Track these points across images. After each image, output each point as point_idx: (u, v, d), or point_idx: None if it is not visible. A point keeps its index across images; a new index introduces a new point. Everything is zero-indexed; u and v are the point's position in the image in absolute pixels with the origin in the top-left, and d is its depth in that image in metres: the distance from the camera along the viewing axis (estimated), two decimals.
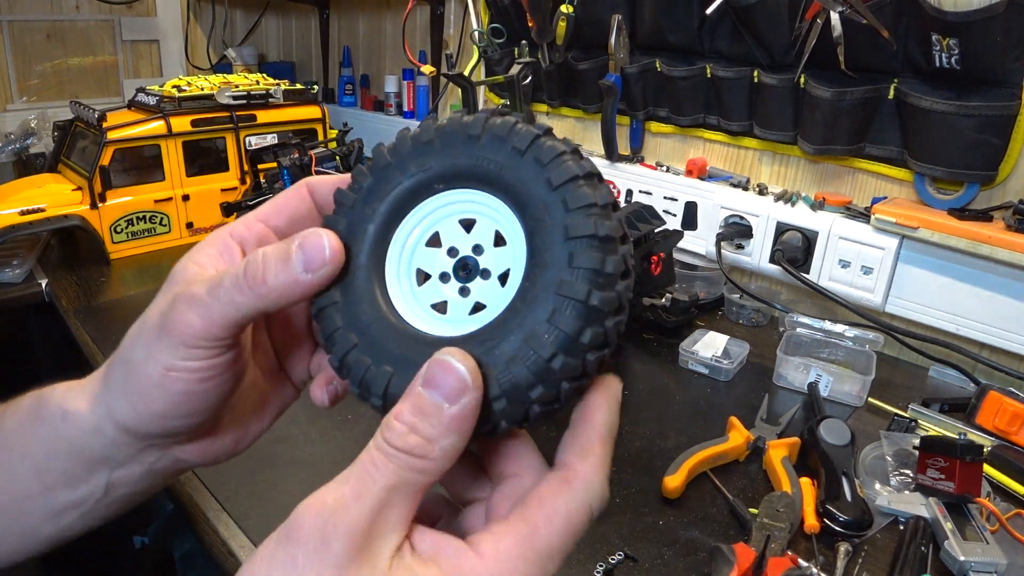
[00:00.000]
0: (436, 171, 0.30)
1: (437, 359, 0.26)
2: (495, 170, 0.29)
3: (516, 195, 0.28)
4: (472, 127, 0.29)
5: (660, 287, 1.06)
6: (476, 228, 0.30)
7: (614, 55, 1.27)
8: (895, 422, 0.87)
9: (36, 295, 1.22)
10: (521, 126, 0.29)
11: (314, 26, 2.23)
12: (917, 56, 0.95)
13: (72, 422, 0.34)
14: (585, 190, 0.27)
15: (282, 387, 0.39)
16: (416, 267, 0.31)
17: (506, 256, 0.29)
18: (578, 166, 0.27)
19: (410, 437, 0.25)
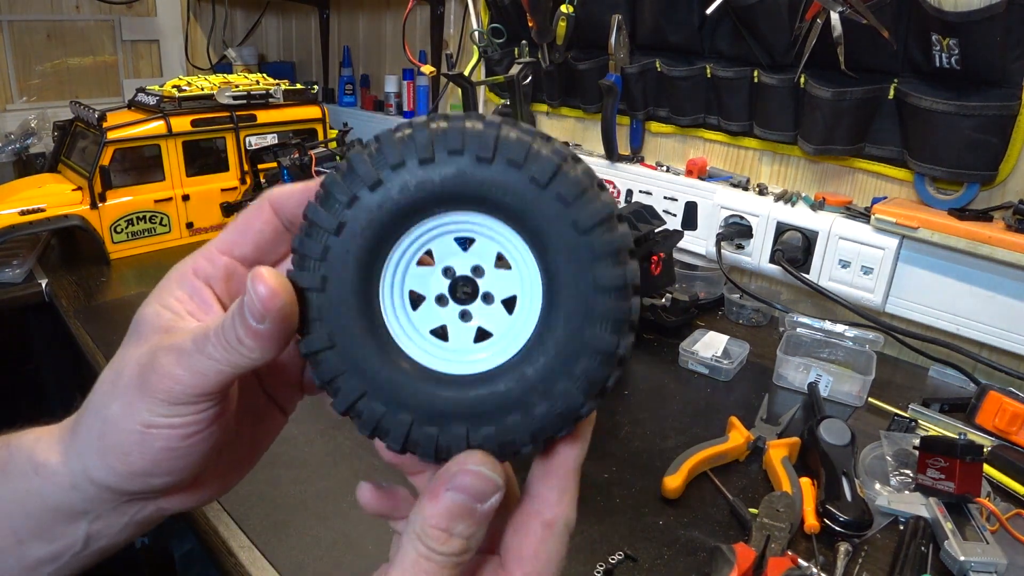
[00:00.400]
0: (437, 193, 0.26)
1: (469, 470, 0.26)
2: (510, 202, 0.25)
3: (534, 231, 0.26)
4: (483, 146, 0.25)
5: (660, 287, 1.06)
6: (475, 247, 0.27)
7: (614, 55, 1.27)
8: (895, 422, 0.87)
9: (36, 295, 1.22)
10: (539, 148, 0.25)
11: (314, 26, 2.23)
12: (917, 56, 0.95)
13: (46, 476, 0.32)
14: (613, 236, 0.25)
15: (271, 420, 0.36)
16: (408, 289, 0.28)
17: (511, 281, 0.27)
18: (603, 205, 0.25)
19: (452, 542, 0.26)
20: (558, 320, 0.26)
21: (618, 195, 1.37)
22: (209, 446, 0.30)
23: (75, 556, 0.33)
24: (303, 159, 1.29)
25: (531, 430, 0.26)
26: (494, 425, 0.27)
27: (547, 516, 0.29)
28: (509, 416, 0.26)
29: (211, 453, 0.31)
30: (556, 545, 0.29)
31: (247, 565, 0.63)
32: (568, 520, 0.29)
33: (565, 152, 0.26)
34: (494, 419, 0.27)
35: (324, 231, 0.26)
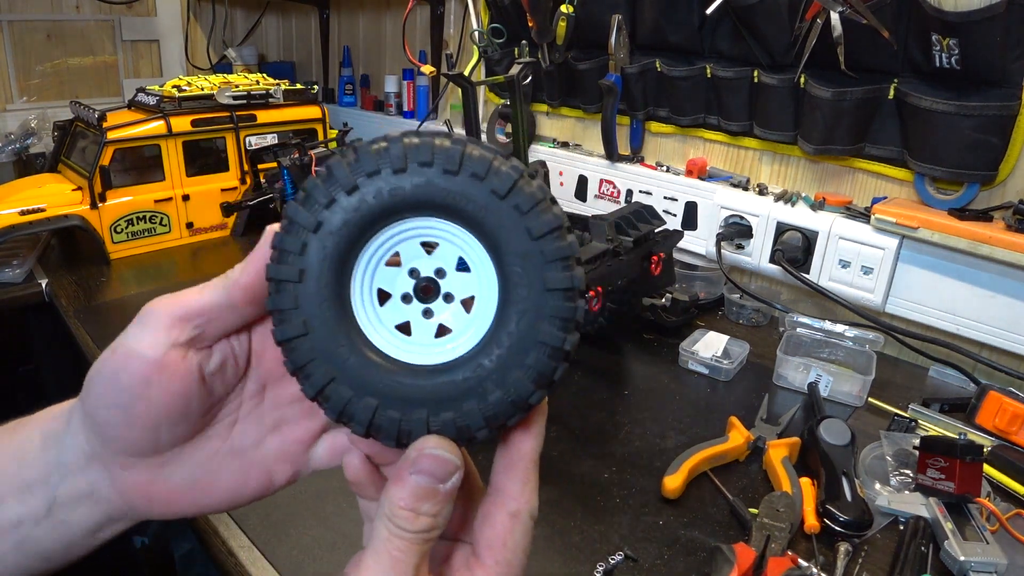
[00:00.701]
0: (407, 199, 0.29)
1: (427, 453, 0.29)
2: (472, 209, 0.28)
3: (491, 237, 0.29)
4: (450, 160, 0.28)
5: (660, 287, 1.06)
6: (438, 251, 0.30)
7: (614, 55, 1.27)
8: (895, 422, 0.87)
9: (36, 295, 1.22)
10: (499, 164, 0.28)
11: (314, 26, 2.23)
12: (917, 56, 0.95)
13: (56, 417, 0.36)
14: (562, 244, 0.28)
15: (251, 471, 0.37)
16: (377, 287, 0.31)
17: (470, 283, 0.30)
18: (554, 217, 0.28)
19: (419, 520, 0.29)
20: (511, 317, 0.29)
21: (618, 195, 1.37)
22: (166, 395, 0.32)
23: (36, 526, 0.35)
24: (303, 159, 1.29)
25: (486, 415, 0.29)
26: (452, 411, 0.29)
27: (512, 507, 0.31)
28: (466, 402, 0.29)
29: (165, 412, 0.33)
30: (522, 532, 0.31)
31: (247, 565, 0.63)
32: (531, 509, 0.32)
33: (522, 169, 0.29)
34: (453, 405, 0.29)
35: (303, 228, 0.29)
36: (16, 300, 1.20)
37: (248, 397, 0.37)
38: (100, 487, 0.35)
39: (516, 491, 0.32)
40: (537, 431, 0.32)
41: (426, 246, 0.30)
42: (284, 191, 1.33)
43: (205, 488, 0.36)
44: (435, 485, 0.29)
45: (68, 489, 0.35)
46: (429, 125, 1.79)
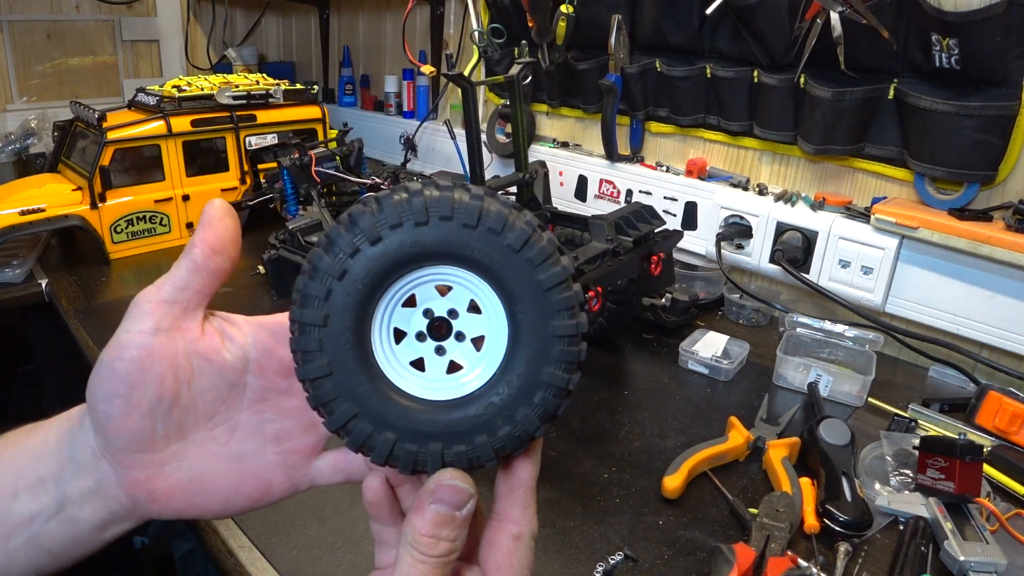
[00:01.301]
0: (428, 251, 0.31)
1: (445, 484, 0.32)
2: (487, 261, 0.31)
3: (505, 286, 0.31)
4: (469, 215, 0.30)
5: (660, 287, 1.06)
6: (452, 294, 0.33)
7: (614, 55, 1.27)
8: (895, 422, 0.87)
9: (36, 295, 1.22)
10: (515, 220, 0.31)
11: (314, 26, 2.23)
12: (917, 56, 0.95)
13: (73, 417, 0.38)
14: (568, 293, 0.31)
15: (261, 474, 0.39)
16: (393, 326, 0.33)
17: (480, 323, 0.33)
18: (562, 269, 0.31)
19: (440, 545, 0.32)
20: (520, 359, 0.31)
21: (618, 195, 1.37)
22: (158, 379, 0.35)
23: (47, 523, 0.37)
24: (303, 159, 1.29)
25: (495, 447, 0.32)
26: (465, 444, 0.32)
27: (514, 531, 0.35)
28: (478, 436, 0.32)
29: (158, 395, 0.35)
30: (525, 553, 0.34)
31: (247, 565, 0.63)
32: (532, 530, 0.35)
33: (535, 223, 0.31)
34: (465, 438, 0.32)
35: (328, 276, 0.31)
36: (16, 300, 1.20)
37: (248, 405, 0.38)
38: (107, 484, 0.36)
39: (517, 515, 0.35)
40: (535, 459, 0.35)
41: (440, 290, 0.33)
42: (284, 191, 1.33)
43: (202, 488, 0.37)
44: (453, 512, 0.32)
45: (78, 486, 0.36)
46: (429, 125, 1.79)
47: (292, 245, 1.12)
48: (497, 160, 1.61)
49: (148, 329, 0.35)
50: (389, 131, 1.93)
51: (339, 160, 1.35)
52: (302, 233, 1.11)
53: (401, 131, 1.88)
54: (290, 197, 1.32)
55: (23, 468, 0.37)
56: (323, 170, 1.29)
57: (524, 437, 0.32)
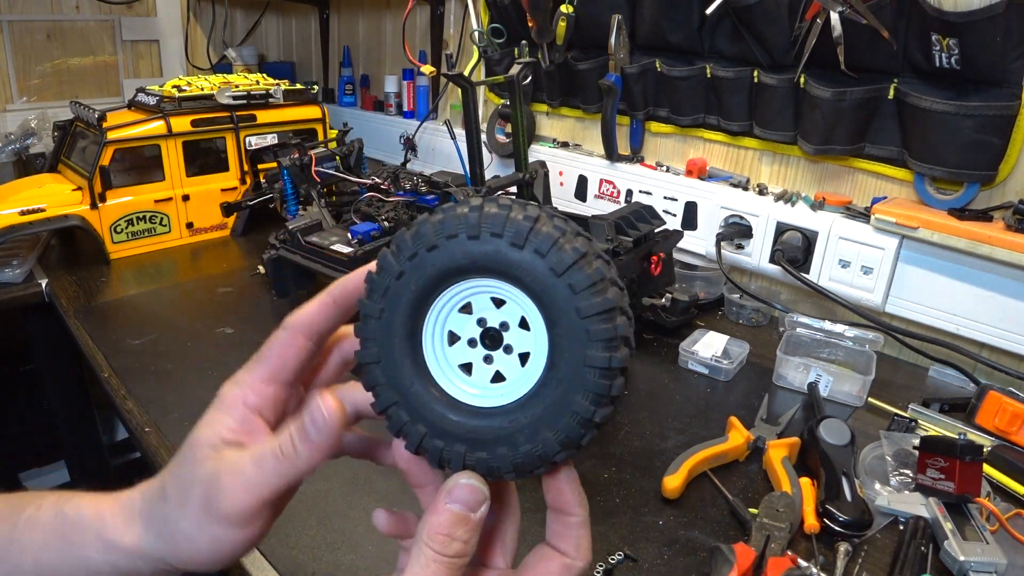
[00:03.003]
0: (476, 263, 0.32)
1: (462, 484, 0.33)
2: (530, 281, 0.31)
3: (547, 308, 0.32)
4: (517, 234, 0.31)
5: (660, 287, 1.06)
6: (505, 307, 0.34)
7: (614, 55, 1.27)
8: (895, 422, 0.87)
9: (36, 295, 1.22)
10: (564, 243, 0.31)
11: (314, 26, 2.23)
12: (917, 56, 0.95)
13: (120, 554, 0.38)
14: (607, 325, 0.31)
15: None
16: (448, 329, 0.35)
17: (528, 340, 0.33)
18: (605, 300, 0.31)
19: (453, 544, 0.32)
20: (553, 383, 0.32)
21: (618, 195, 1.37)
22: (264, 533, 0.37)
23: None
24: (303, 159, 1.29)
25: (514, 462, 0.33)
26: (486, 452, 0.33)
27: (567, 561, 0.35)
28: (499, 448, 0.33)
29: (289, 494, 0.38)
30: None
31: (247, 565, 0.63)
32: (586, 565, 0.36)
33: (585, 250, 0.31)
34: (487, 447, 0.33)
35: (389, 275, 0.33)
36: (16, 300, 1.20)
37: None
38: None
39: (572, 551, 0.36)
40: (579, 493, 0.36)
41: (495, 301, 0.34)
42: (284, 191, 1.33)
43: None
44: (467, 513, 0.33)
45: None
46: (429, 125, 1.79)
47: (292, 245, 1.12)
48: (497, 160, 1.61)
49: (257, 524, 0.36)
50: (389, 131, 1.93)
51: (339, 160, 1.35)
52: (302, 233, 1.11)
53: (401, 131, 1.88)
54: (290, 197, 1.31)
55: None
56: (323, 170, 1.29)
57: (544, 458, 0.32)
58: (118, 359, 0.97)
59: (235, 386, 0.38)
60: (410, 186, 1.25)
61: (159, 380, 0.92)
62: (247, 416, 0.37)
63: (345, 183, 1.36)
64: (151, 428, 0.81)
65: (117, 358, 0.97)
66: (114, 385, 0.91)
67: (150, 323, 1.08)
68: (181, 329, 1.07)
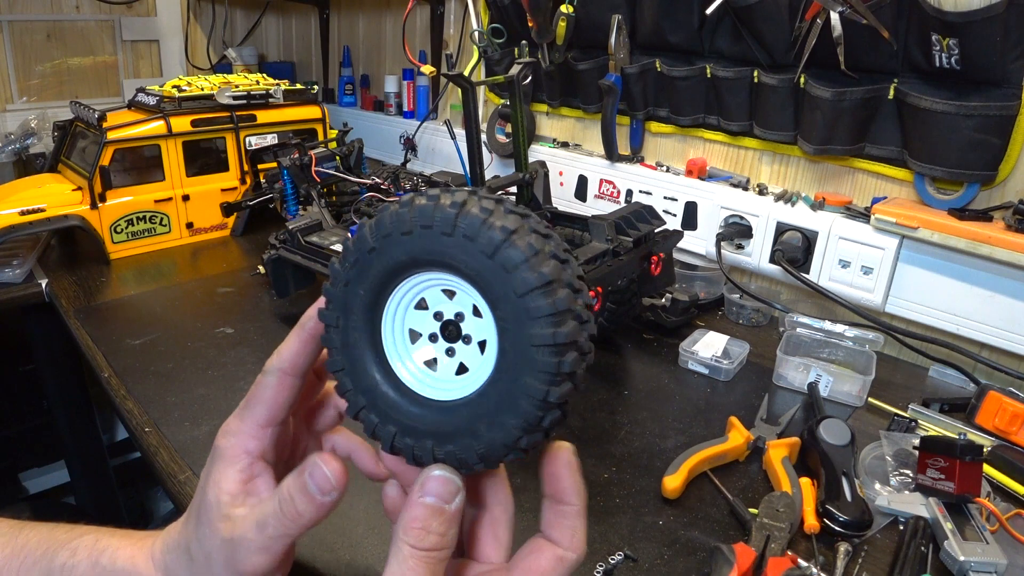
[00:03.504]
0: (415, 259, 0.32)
1: (433, 476, 0.33)
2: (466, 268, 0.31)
3: (487, 293, 0.31)
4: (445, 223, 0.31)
5: (660, 287, 1.06)
6: (457, 298, 0.34)
7: (614, 55, 1.27)
8: (895, 422, 0.87)
9: (36, 295, 1.22)
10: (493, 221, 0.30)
11: (314, 26, 2.23)
12: (917, 56, 0.95)
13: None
14: (546, 300, 0.30)
15: None
16: (408, 327, 0.35)
17: (484, 327, 0.33)
18: (539, 275, 0.30)
19: (429, 537, 0.33)
20: (505, 368, 0.31)
21: (618, 195, 1.37)
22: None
23: None
24: (303, 159, 1.29)
25: (479, 452, 0.32)
26: (453, 444, 0.33)
27: (560, 553, 0.35)
28: (464, 439, 0.33)
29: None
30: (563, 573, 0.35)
31: None
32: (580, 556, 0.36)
33: (515, 226, 0.30)
34: (454, 439, 0.33)
35: (338, 283, 0.34)
36: (16, 300, 1.20)
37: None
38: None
39: (566, 539, 0.36)
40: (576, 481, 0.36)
41: (447, 293, 0.34)
42: (284, 191, 1.33)
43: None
44: (442, 505, 0.33)
45: None
46: (429, 125, 1.79)
47: (292, 245, 1.12)
48: (497, 160, 1.61)
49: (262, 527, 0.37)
50: (389, 131, 1.93)
51: (339, 160, 1.35)
52: (302, 233, 1.11)
53: (401, 131, 1.88)
54: (290, 197, 1.32)
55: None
56: (323, 170, 1.29)
57: (508, 445, 0.32)
58: (118, 359, 0.97)
59: (232, 437, 0.39)
60: (410, 186, 1.25)
61: (159, 380, 0.92)
62: (251, 464, 0.39)
63: (345, 183, 1.36)
64: (151, 428, 0.81)
65: (117, 358, 0.97)
66: (114, 385, 0.91)
67: (150, 323, 1.08)
68: (181, 329, 1.07)
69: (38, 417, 1.79)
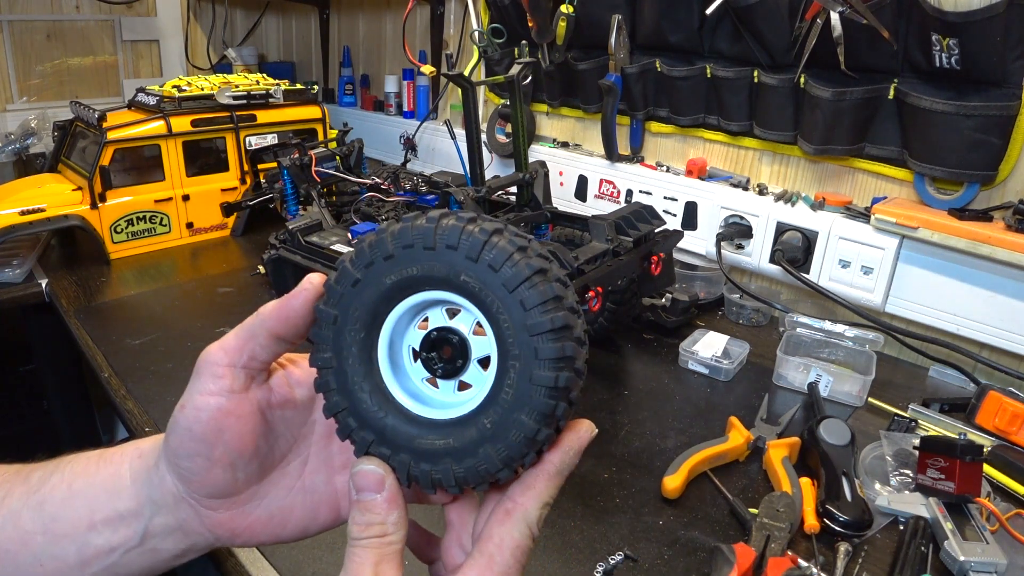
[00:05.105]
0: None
1: (356, 472, 0.34)
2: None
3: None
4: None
5: (660, 287, 1.05)
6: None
7: (614, 55, 1.27)
8: (895, 422, 0.87)
9: (36, 295, 1.22)
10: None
11: (314, 26, 2.23)
12: (917, 56, 0.95)
13: (145, 457, 0.40)
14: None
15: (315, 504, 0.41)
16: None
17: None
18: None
19: (369, 528, 0.33)
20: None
21: (618, 195, 1.37)
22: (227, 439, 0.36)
23: (127, 553, 0.39)
24: (303, 159, 1.29)
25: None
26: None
27: (508, 505, 0.34)
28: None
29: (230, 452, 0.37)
30: (511, 532, 0.33)
31: (247, 565, 0.63)
32: (526, 513, 0.34)
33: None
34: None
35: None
36: (16, 300, 1.20)
37: (316, 440, 0.41)
38: (189, 523, 0.39)
39: (517, 493, 0.34)
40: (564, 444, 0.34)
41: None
42: (284, 191, 1.33)
43: (281, 521, 0.40)
44: (373, 497, 0.33)
45: (160, 523, 0.39)
46: (429, 125, 1.79)
47: (292, 245, 1.12)
48: (497, 160, 1.61)
49: (221, 390, 0.36)
50: (389, 131, 1.93)
51: (339, 160, 1.35)
52: (302, 233, 1.11)
53: (401, 131, 1.88)
54: (290, 197, 1.32)
55: (98, 502, 0.39)
56: (323, 170, 1.29)
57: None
58: (118, 359, 0.97)
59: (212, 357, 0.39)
60: (410, 186, 1.25)
61: (159, 380, 0.92)
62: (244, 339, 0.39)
63: (345, 183, 1.36)
64: (151, 428, 0.81)
65: (117, 358, 0.97)
66: (114, 385, 0.91)
67: (150, 323, 1.08)
68: (181, 329, 1.07)
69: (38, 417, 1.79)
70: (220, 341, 0.37)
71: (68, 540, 0.38)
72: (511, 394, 0.31)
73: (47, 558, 0.38)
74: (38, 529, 0.39)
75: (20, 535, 0.39)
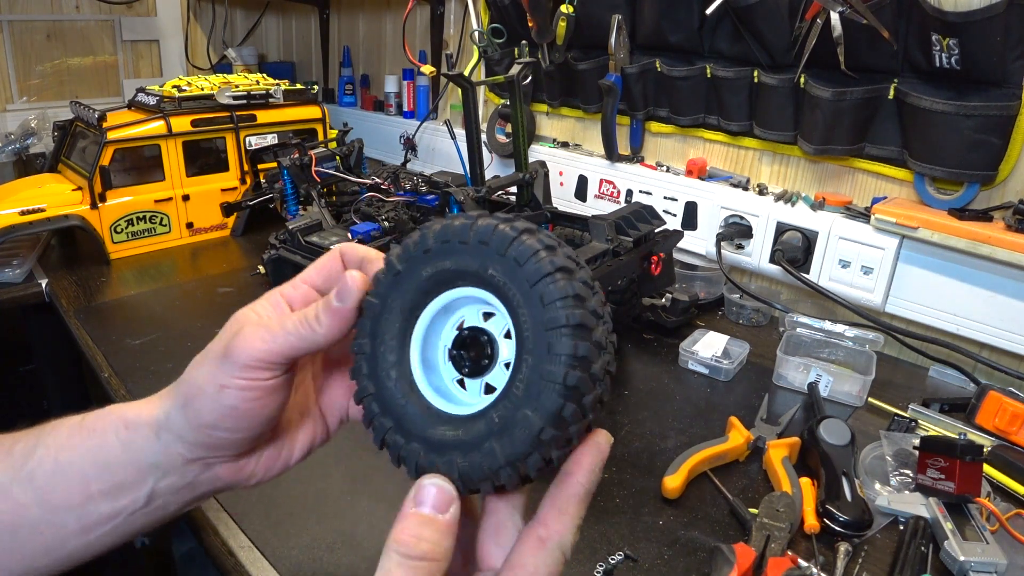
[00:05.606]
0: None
1: (423, 484, 0.32)
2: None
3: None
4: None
5: (660, 287, 1.06)
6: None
7: (614, 55, 1.27)
8: (895, 422, 0.87)
9: (36, 295, 1.22)
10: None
11: (314, 26, 2.23)
12: (917, 56, 0.95)
13: (134, 428, 0.40)
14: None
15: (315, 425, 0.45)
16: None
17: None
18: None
19: (421, 545, 0.31)
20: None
21: (618, 195, 1.37)
22: (266, 416, 0.38)
23: (132, 515, 0.40)
24: (303, 159, 1.29)
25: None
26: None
27: (542, 532, 0.33)
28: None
29: (266, 424, 0.39)
30: (545, 560, 0.32)
31: (247, 565, 0.63)
32: (562, 540, 0.33)
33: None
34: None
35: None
36: (16, 300, 1.20)
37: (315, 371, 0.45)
38: (200, 479, 0.40)
39: (551, 519, 0.33)
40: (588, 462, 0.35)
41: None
42: (284, 191, 1.33)
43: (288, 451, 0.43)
44: (434, 515, 0.32)
45: (167, 483, 0.40)
46: (429, 125, 1.80)
47: (292, 245, 1.12)
48: (497, 160, 1.61)
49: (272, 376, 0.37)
50: (389, 131, 1.93)
51: (339, 160, 1.35)
52: (302, 233, 1.11)
53: (401, 131, 1.88)
54: (290, 197, 1.32)
55: (90, 475, 0.39)
56: (323, 170, 1.29)
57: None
58: (118, 359, 0.97)
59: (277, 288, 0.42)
60: (410, 186, 1.25)
61: (159, 380, 0.91)
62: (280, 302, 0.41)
63: (345, 183, 1.36)
64: None
65: (117, 358, 0.97)
66: (114, 385, 0.91)
67: (150, 323, 1.08)
68: (181, 329, 1.07)
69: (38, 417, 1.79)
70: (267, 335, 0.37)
71: (65, 510, 0.39)
72: (521, 388, 0.31)
73: (45, 526, 0.39)
74: (31, 501, 0.39)
75: (13, 506, 0.39)
